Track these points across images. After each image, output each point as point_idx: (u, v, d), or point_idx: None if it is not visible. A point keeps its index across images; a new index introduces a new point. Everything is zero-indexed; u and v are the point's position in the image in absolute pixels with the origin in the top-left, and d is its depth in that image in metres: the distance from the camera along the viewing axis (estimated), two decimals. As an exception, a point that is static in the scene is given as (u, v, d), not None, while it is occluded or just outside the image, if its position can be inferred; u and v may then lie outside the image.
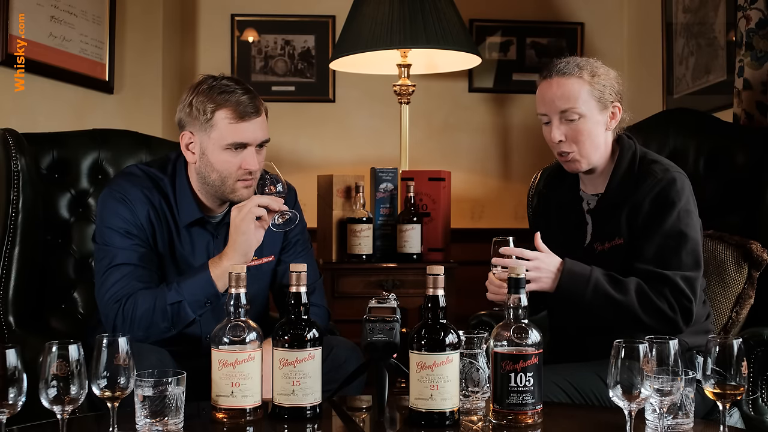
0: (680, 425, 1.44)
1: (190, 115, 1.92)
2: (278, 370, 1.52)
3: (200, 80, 1.95)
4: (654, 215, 1.87)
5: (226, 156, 1.90)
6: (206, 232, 2.01)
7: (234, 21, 3.76)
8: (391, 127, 3.58)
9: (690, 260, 1.86)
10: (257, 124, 1.92)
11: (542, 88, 1.94)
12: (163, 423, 1.35)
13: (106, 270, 1.90)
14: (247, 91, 1.92)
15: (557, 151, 1.96)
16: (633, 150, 1.97)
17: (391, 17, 3.09)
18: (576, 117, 1.90)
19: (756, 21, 2.45)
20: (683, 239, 1.86)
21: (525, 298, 1.49)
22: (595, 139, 1.93)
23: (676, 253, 1.85)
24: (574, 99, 1.89)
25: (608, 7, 3.86)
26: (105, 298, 1.88)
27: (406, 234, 3.08)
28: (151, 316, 1.84)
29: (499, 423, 1.47)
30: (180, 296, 1.85)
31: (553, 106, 1.91)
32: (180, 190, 1.99)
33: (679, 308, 1.82)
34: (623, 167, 1.94)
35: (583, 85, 1.90)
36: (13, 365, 1.25)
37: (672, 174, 1.90)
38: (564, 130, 1.91)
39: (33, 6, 2.69)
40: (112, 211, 1.93)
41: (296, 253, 2.10)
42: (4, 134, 2.12)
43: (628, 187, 1.92)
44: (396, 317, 1.55)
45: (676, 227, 1.86)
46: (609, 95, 1.93)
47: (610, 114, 1.94)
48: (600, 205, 1.98)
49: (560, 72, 1.91)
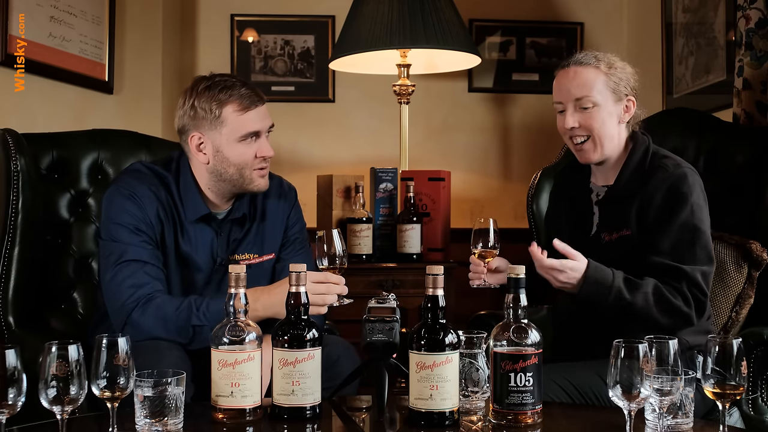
0: (680, 425, 1.44)
1: (195, 118, 1.93)
2: (278, 370, 1.52)
3: (194, 83, 1.97)
4: (667, 209, 1.89)
5: (241, 148, 1.94)
6: (210, 228, 2.02)
7: (234, 21, 3.76)
8: (391, 127, 3.58)
9: (704, 255, 1.88)
10: (263, 111, 1.97)
11: (559, 77, 1.98)
12: (162, 423, 1.35)
13: (116, 264, 1.88)
14: (244, 83, 1.97)
15: (570, 138, 1.97)
16: (646, 145, 1.99)
17: (390, 17, 3.09)
18: (590, 105, 1.92)
19: (756, 21, 2.45)
20: (697, 233, 1.88)
21: (525, 297, 1.49)
22: (609, 130, 1.95)
23: (691, 246, 1.87)
24: (590, 87, 1.92)
25: (608, 6, 3.86)
26: (119, 294, 1.86)
27: (405, 234, 3.08)
28: (169, 327, 1.82)
29: (498, 423, 1.47)
30: (205, 320, 1.82)
31: (569, 94, 1.94)
32: (185, 186, 1.99)
33: (695, 302, 1.84)
34: (635, 161, 1.96)
35: (599, 75, 1.93)
36: (13, 365, 1.25)
37: (683, 169, 1.92)
38: (578, 117, 1.94)
39: (33, 6, 2.69)
40: (120, 207, 1.92)
41: (295, 251, 2.12)
42: (3, 134, 2.12)
43: (638, 180, 1.94)
44: (396, 317, 1.55)
45: (690, 221, 1.88)
46: (624, 88, 1.96)
47: (624, 107, 1.96)
48: (609, 196, 1.99)
49: (578, 62, 1.95)
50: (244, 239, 2.06)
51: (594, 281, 1.81)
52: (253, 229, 2.07)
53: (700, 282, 1.85)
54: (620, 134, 1.98)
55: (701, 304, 1.86)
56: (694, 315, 1.85)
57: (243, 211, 2.05)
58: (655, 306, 1.82)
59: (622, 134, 1.99)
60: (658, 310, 1.82)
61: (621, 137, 1.99)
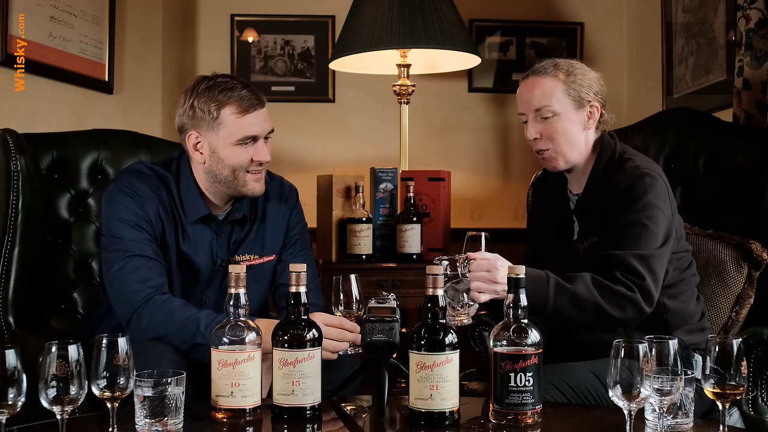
0: (680, 425, 1.44)
1: (194, 117, 1.93)
2: (278, 370, 1.52)
3: (195, 82, 1.96)
4: (618, 208, 1.87)
5: (237, 150, 1.92)
6: (210, 229, 2.02)
7: (234, 21, 3.76)
8: (391, 127, 3.58)
9: (649, 245, 1.82)
10: (262, 115, 1.95)
11: (520, 88, 2.00)
12: (162, 423, 1.35)
13: (122, 259, 1.87)
14: (245, 85, 1.94)
15: (534, 149, 1.99)
16: (612, 149, 1.98)
17: (390, 17, 3.09)
18: (550, 115, 1.93)
19: (756, 21, 2.44)
20: (645, 229, 1.83)
21: (525, 298, 1.49)
22: (571, 138, 1.95)
23: (635, 239, 1.82)
24: (548, 97, 1.93)
25: (608, 7, 3.86)
26: (126, 289, 1.85)
27: (405, 234, 3.08)
28: (171, 331, 1.80)
29: (498, 423, 1.47)
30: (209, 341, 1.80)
31: (529, 105, 1.95)
32: (185, 187, 1.99)
33: (635, 286, 1.78)
34: (601, 166, 1.96)
35: (557, 84, 1.93)
36: (13, 365, 1.25)
37: (642, 171, 1.89)
38: (539, 128, 1.95)
39: (33, 6, 2.69)
40: (121, 205, 1.92)
41: (296, 252, 2.11)
42: (3, 134, 2.12)
43: (601, 185, 1.94)
44: (396, 317, 1.55)
45: (638, 219, 1.84)
46: (586, 95, 1.94)
47: (588, 113, 1.96)
48: (579, 205, 2.00)
49: (536, 72, 1.96)
50: (244, 240, 2.06)
51: (529, 278, 1.75)
52: (254, 230, 2.07)
53: (633, 265, 1.79)
54: (587, 140, 1.98)
55: (642, 288, 1.78)
56: (642, 301, 1.78)
57: (243, 212, 2.04)
58: (599, 294, 1.76)
59: (589, 140, 1.98)
60: (603, 298, 1.76)
61: (588, 143, 1.98)
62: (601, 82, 1.98)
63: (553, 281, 1.77)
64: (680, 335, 1.86)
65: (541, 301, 1.76)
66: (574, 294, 1.76)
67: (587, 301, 1.76)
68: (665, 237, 1.86)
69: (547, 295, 1.76)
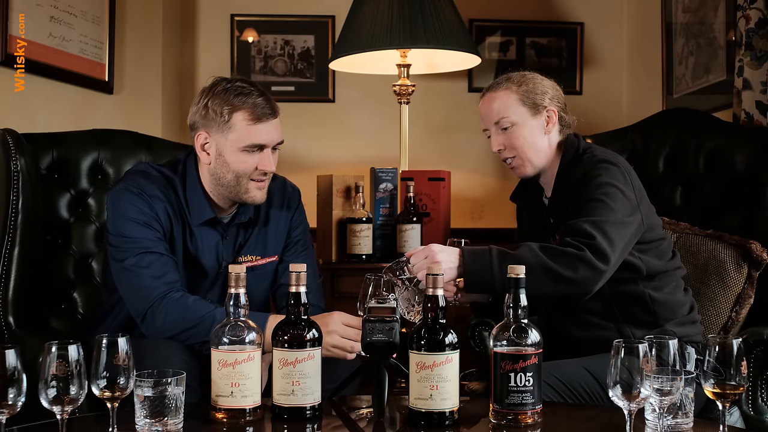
0: (680, 425, 1.44)
1: (205, 117, 1.93)
2: (278, 370, 1.52)
3: (214, 83, 1.95)
4: (577, 193, 1.89)
5: (243, 157, 1.92)
6: (215, 232, 2.02)
7: (234, 21, 3.76)
8: (391, 127, 3.58)
9: (604, 216, 1.80)
10: (273, 125, 1.94)
11: (479, 106, 2.07)
12: (162, 423, 1.35)
13: (136, 255, 1.87)
14: (262, 93, 1.94)
15: (502, 159, 2.05)
16: (575, 147, 2.01)
17: (390, 17, 3.09)
18: (509, 125, 1.99)
19: (756, 21, 2.45)
20: (599, 204, 1.82)
21: (525, 297, 1.49)
22: (533, 144, 2.00)
23: (590, 213, 1.81)
24: (505, 108, 1.99)
25: (608, 7, 3.86)
26: (141, 283, 1.85)
27: (405, 234, 3.08)
28: (187, 330, 1.81)
29: (498, 423, 1.47)
30: None
31: (489, 119, 2.03)
32: (191, 189, 1.99)
33: (585, 245, 1.75)
34: (565, 164, 2.00)
35: (510, 95, 2.00)
36: (13, 365, 1.25)
37: (599, 158, 1.93)
38: (501, 139, 2.01)
39: (33, 6, 2.69)
40: (130, 204, 1.91)
41: (297, 253, 2.11)
42: (3, 134, 2.13)
43: (567, 181, 1.97)
44: (396, 317, 1.55)
45: (593, 195, 1.84)
46: (541, 100, 2.00)
47: (546, 118, 2.01)
48: (551, 204, 2.03)
49: (491, 88, 2.05)
50: (247, 242, 2.06)
51: (470, 254, 1.76)
52: (256, 231, 2.07)
53: (583, 228, 1.77)
54: (550, 144, 2.02)
55: (594, 247, 1.74)
56: (594, 259, 1.74)
57: (249, 215, 2.04)
58: (546, 256, 1.73)
59: (552, 143, 2.02)
60: (552, 260, 1.72)
61: (551, 146, 2.02)
62: (556, 88, 2.05)
63: (495, 252, 1.76)
64: (671, 327, 1.87)
65: (487, 273, 1.74)
66: (519, 259, 1.71)
67: (534, 264, 1.70)
68: (624, 214, 1.84)
69: (491, 265, 1.74)
